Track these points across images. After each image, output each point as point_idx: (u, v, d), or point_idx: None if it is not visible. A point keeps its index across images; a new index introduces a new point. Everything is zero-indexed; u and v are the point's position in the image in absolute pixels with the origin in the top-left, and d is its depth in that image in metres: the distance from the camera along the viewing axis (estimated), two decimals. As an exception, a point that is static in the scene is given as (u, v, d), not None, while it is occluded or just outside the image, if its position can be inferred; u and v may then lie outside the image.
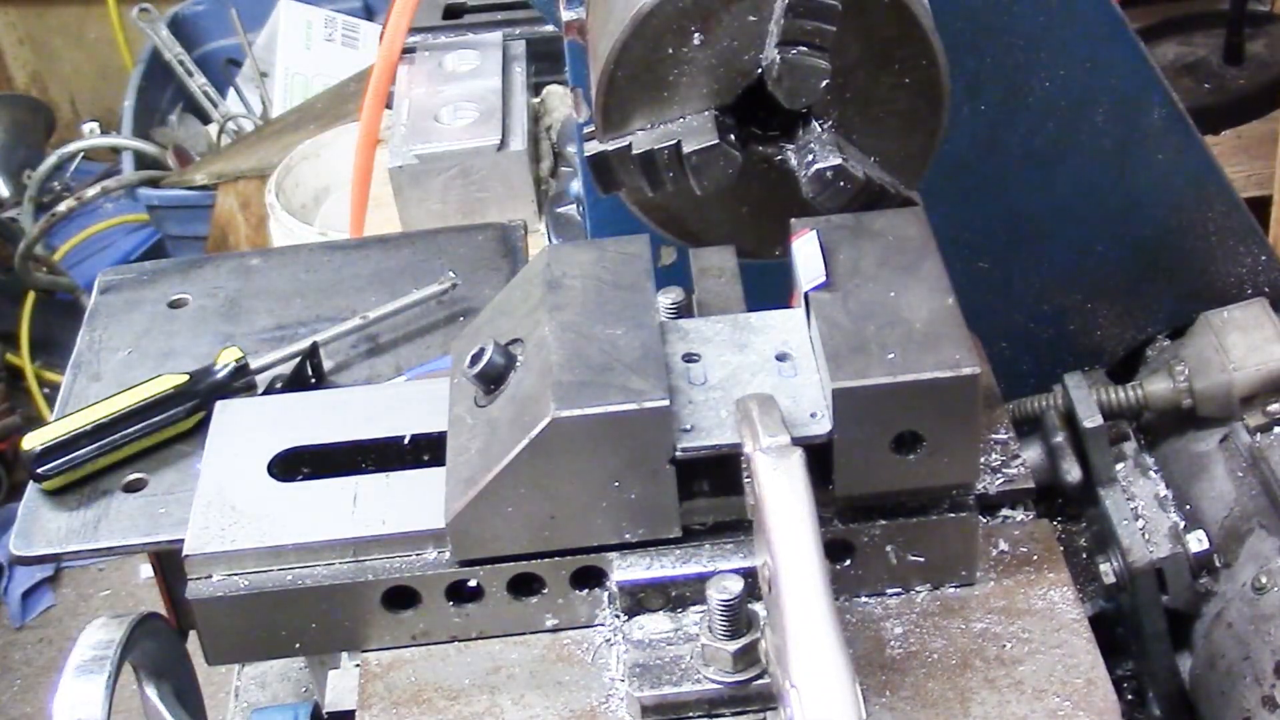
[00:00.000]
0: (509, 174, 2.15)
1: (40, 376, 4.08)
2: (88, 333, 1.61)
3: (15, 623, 3.77)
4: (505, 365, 1.16)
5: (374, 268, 1.67)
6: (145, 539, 1.37)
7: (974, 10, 1.43)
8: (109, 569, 3.85)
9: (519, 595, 1.16)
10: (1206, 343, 1.53)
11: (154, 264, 1.71)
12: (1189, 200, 1.56)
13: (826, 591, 0.95)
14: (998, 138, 1.51)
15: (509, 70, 2.32)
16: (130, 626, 1.20)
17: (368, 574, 1.15)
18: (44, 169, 4.19)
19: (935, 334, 1.10)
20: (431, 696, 1.13)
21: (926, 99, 1.22)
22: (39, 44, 4.89)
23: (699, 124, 1.19)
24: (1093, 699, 1.09)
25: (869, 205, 1.20)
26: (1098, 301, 1.60)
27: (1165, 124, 1.52)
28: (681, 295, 1.25)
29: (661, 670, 1.10)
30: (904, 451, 1.11)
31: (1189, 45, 2.62)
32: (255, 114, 4.11)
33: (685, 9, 1.16)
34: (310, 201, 2.68)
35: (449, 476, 1.15)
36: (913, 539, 1.15)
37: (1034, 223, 1.56)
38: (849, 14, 1.14)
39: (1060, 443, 1.52)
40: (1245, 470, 1.49)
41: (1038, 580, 1.18)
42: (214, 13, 4.25)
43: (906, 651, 1.13)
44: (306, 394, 1.43)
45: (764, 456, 1.02)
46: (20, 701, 3.59)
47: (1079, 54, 1.47)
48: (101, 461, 1.42)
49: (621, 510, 1.11)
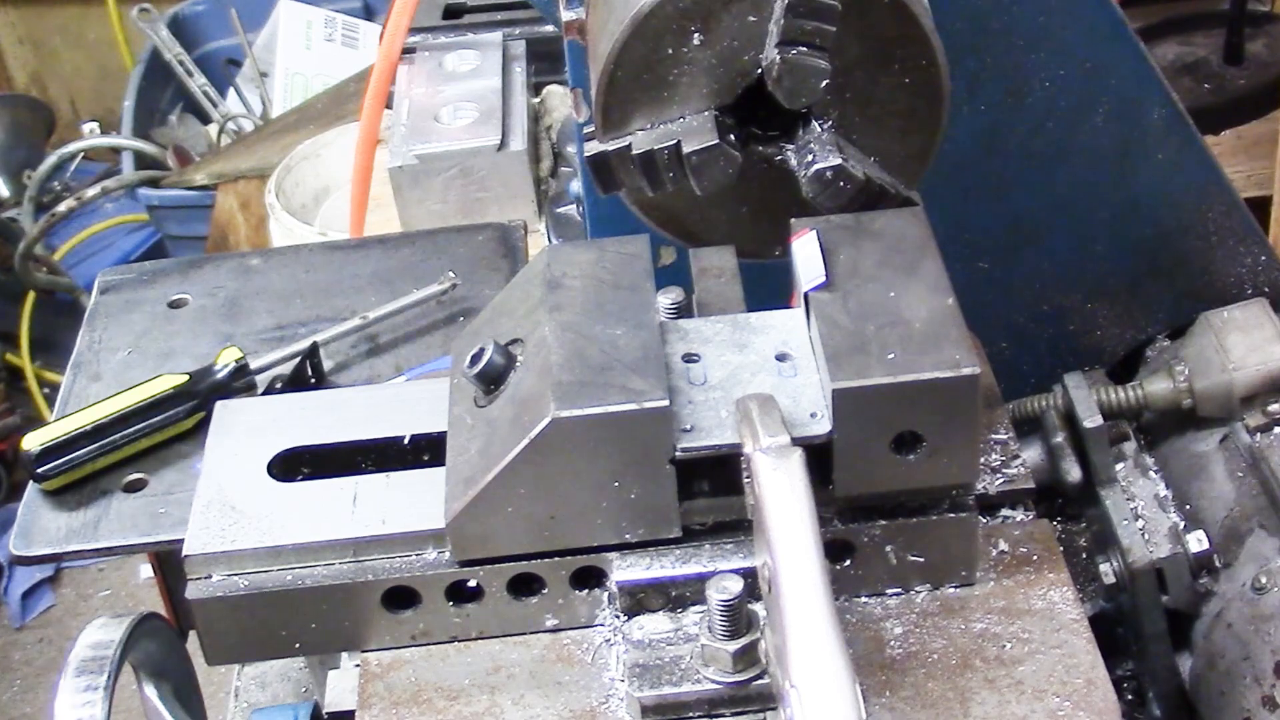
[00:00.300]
0: (509, 174, 2.15)
1: (40, 376, 4.09)
2: (88, 333, 1.61)
3: (15, 623, 3.77)
4: (505, 365, 1.16)
5: (374, 268, 1.67)
6: (145, 539, 1.37)
7: (974, 10, 1.43)
8: (109, 569, 3.85)
9: (519, 595, 1.16)
10: (1206, 343, 1.53)
11: (154, 264, 1.71)
12: (1189, 200, 1.56)
13: (826, 591, 0.95)
14: (998, 138, 1.51)
15: (509, 70, 2.32)
16: (130, 626, 1.20)
17: (368, 574, 1.15)
18: (44, 169, 4.18)
19: (935, 334, 1.10)
20: (431, 696, 1.13)
21: (926, 99, 1.22)
22: (39, 44, 4.89)
23: (699, 124, 1.19)
24: (1093, 699, 1.09)
25: (869, 205, 1.20)
26: (1098, 301, 1.60)
27: (1165, 124, 1.52)
28: (681, 295, 1.25)
29: (661, 670, 1.10)
30: (904, 451, 1.11)
31: (1189, 45, 2.62)
32: (255, 114, 4.11)
33: (685, 9, 1.16)
34: (310, 201, 2.68)
35: (449, 476, 1.15)
36: (913, 539, 1.15)
37: (1034, 223, 1.56)
38: (849, 14, 1.14)
39: (1060, 443, 1.52)
40: (1245, 470, 1.49)
41: (1038, 580, 1.18)
42: (214, 13, 4.26)
43: (906, 651, 1.13)
44: (306, 394, 1.43)
45: (764, 456, 1.02)
46: (20, 701, 3.59)
47: (1079, 54, 1.47)
48: (101, 461, 1.42)
49: (621, 510, 1.11)
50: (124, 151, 3.97)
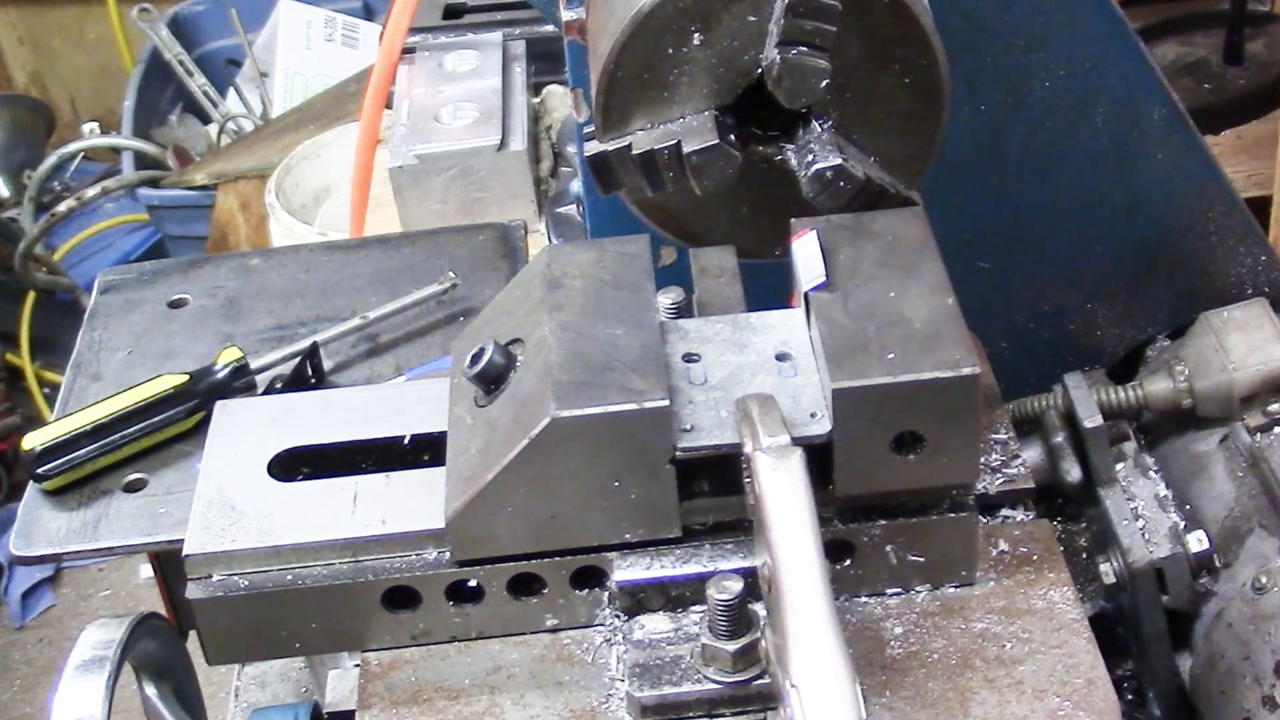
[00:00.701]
0: (509, 174, 2.15)
1: (40, 376, 4.09)
2: (88, 333, 1.61)
3: (15, 623, 3.78)
4: (505, 365, 1.15)
5: (374, 268, 1.67)
6: (145, 539, 1.37)
7: (974, 10, 1.43)
8: (109, 569, 3.85)
9: (519, 595, 1.16)
10: (1206, 343, 1.53)
11: (154, 264, 1.71)
12: (1189, 200, 1.56)
13: (826, 591, 0.95)
14: (998, 138, 1.51)
15: (509, 70, 2.32)
16: (130, 626, 1.20)
17: (368, 574, 1.15)
18: (44, 169, 4.18)
19: (935, 334, 1.10)
20: (431, 696, 1.13)
21: (926, 99, 1.22)
22: (39, 44, 4.89)
23: (699, 124, 1.19)
24: (1093, 699, 1.09)
25: (869, 205, 1.20)
26: (1098, 301, 1.60)
27: (1165, 124, 1.52)
28: (681, 295, 1.25)
29: (661, 670, 1.10)
30: (904, 451, 1.11)
31: (1189, 45, 2.61)
32: (255, 114, 4.11)
33: (685, 9, 1.16)
34: (310, 201, 2.68)
35: (449, 476, 1.15)
36: (913, 539, 1.15)
37: (1034, 223, 1.56)
38: (849, 14, 1.14)
39: (1060, 443, 1.52)
40: (1245, 470, 1.49)
41: (1038, 580, 1.18)
42: (214, 13, 4.26)
43: (906, 651, 1.13)
44: (306, 394, 1.43)
45: (764, 456, 1.02)
46: (20, 701, 3.59)
47: (1079, 54, 1.47)
48: (101, 461, 1.42)
49: (621, 510, 1.11)
50: (124, 151, 3.97)
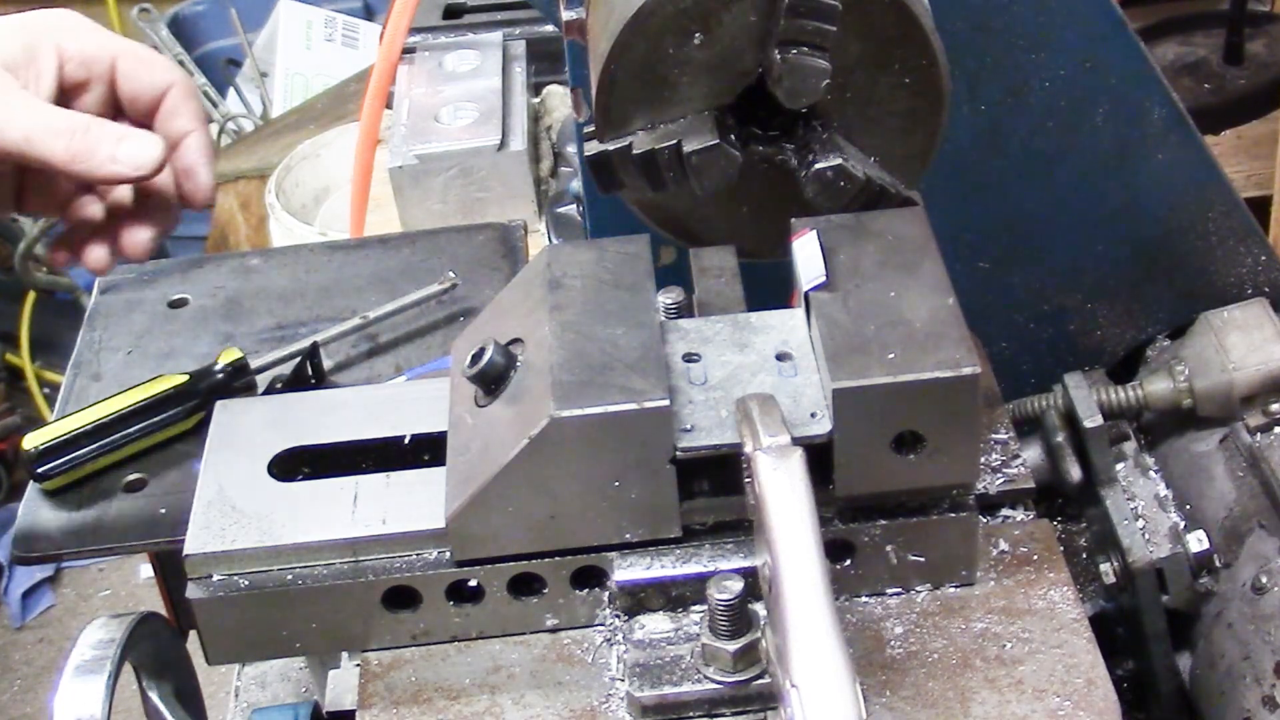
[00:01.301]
0: (509, 174, 2.15)
1: (40, 376, 4.09)
2: (88, 333, 1.61)
3: (15, 623, 3.78)
4: (505, 365, 1.15)
5: (374, 268, 1.67)
6: (145, 539, 1.37)
7: (974, 10, 1.43)
8: (109, 569, 3.85)
9: (519, 595, 1.16)
10: (1206, 343, 1.53)
11: (154, 264, 1.70)
12: (1189, 200, 1.56)
13: (826, 591, 0.95)
14: (998, 138, 1.51)
15: (509, 70, 2.32)
16: (130, 626, 1.20)
17: (368, 574, 1.15)
18: (44, 169, 4.18)
19: (935, 334, 1.10)
20: (431, 696, 1.13)
21: (926, 99, 1.22)
22: (39, 44, 4.88)
23: (699, 124, 1.19)
24: (1093, 699, 1.09)
25: (869, 205, 1.20)
26: (1098, 301, 1.60)
27: (1165, 124, 1.51)
28: (681, 295, 1.25)
29: (661, 670, 1.10)
30: (904, 451, 1.11)
31: (1189, 45, 2.61)
32: (255, 114, 4.12)
33: (685, 9, 1.16)
34: (310, 201, 2.68)
35: (449, 476, 1.15)
36: (913, 539, 1.15)
37: (1034, 223, 1.56)
38: (849, 14, 1.14)
39: (1060, 443, 1.52)
40: (1245, 470, 1.49)
41: (1038, 580, 1.18)
42: (214, 13, 4.26)
43: (906, 651, 1.13)
44: (306, 394, 1.43)
45: (764, 456, 1.02)
46: (20, 701, 3.59)
47: (1079, 54, 1.47)
48: (101, 461, 1.42)
49: (621, 510, 1.11)
50: (124, 151, 3.96)
